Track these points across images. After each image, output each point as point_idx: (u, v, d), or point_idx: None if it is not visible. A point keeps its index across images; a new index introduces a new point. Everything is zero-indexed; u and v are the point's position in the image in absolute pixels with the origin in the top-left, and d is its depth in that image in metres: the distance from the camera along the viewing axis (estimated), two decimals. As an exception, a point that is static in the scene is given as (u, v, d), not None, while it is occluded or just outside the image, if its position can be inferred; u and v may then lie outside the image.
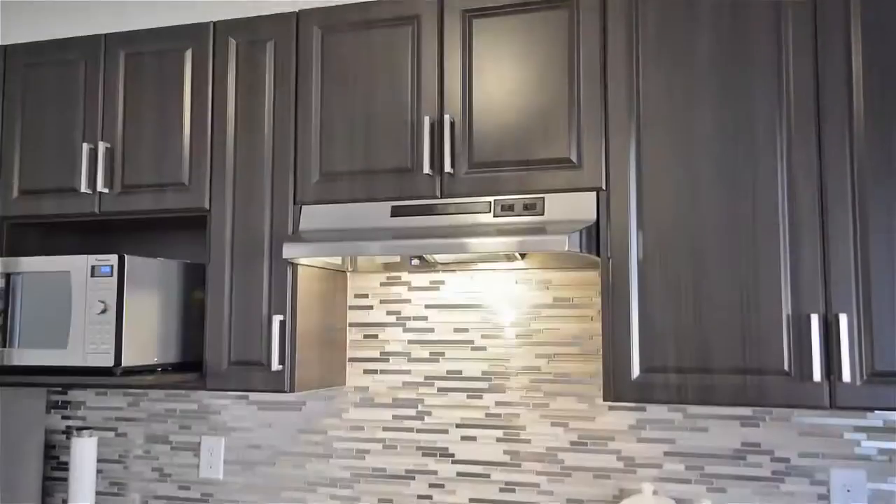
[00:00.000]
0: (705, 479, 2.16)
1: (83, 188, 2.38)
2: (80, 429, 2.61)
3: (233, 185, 2.29)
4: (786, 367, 1.81)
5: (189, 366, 2.37)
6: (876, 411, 2.04)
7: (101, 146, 2.38)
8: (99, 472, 2.69)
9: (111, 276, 2.15)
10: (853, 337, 1.77)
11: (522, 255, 2.31)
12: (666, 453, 2.20)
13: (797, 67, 1.86)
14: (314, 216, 2.21)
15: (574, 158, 2.01)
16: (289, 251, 2.10)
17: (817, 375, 1.77)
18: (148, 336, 2.24)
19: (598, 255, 1.99)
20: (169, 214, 2.35)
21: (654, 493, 2.18)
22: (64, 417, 2.77)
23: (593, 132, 2.00)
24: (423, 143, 2.11)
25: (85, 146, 2.39)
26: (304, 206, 2.23)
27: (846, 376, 1.75)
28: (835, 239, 1.81)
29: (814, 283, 1.81)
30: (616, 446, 2.25)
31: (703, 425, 2.18)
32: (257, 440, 2.57)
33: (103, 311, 2.14)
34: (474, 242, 1.96)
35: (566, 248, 1.85)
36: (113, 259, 2.16)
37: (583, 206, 2.00)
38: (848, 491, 2.05)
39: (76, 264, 2.19)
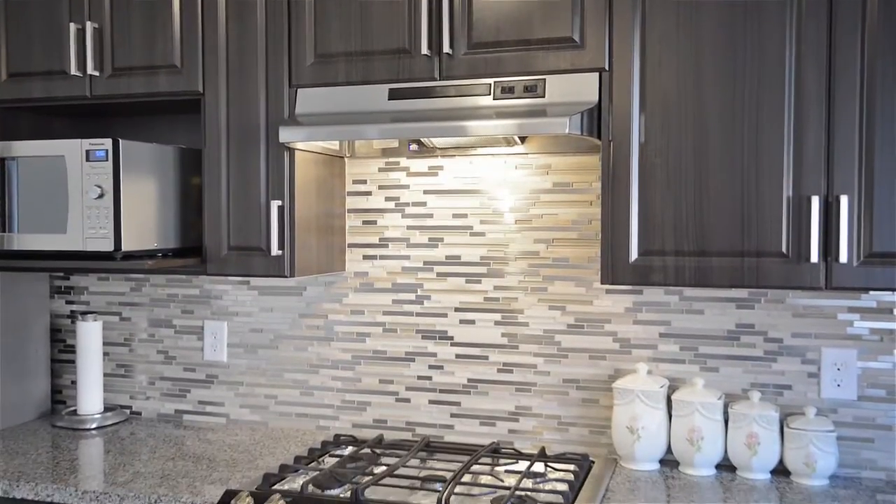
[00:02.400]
0: (699, 360, 2.21)
1: (73, 70, 2.32)
2: (84, 313, 2.65)
3: (226, 67, 2.23)
4: (784, 249, 1.82)
5: (189, 251, 2.38)
6: (870, 292, 2.06)
7: (89, 26, 2.30)
8: (105, 354, 2.75)
9: (106, 160, 2.13)
10: (853, 218, 1.78)
11: (522, 140, 2.28)
12: (661, 335, 2.24)
13: (812, -61, 1.78)
14: (310, 99, 2.17)
15: (576, 38, 1.95)
16: (285, 135, 2.07)
17: (815, 257, 1.78)
18: (146, 221, 2.24)
19: (598, 138, 1.97)
20: (162, 98, 2.30)
21: (649, 372, 2.23)
22: (68, 302, 2.81)
23: (597, 11, 1.94)
24: (420, 22, 2.05)
25: (72, 26, 2.32)
26: (299, 90, 2.18)
27: (843, 257, 1.76)
28: (840, 120, 1.78)
29: (816, 165, 1.80)
30: (612, 328, 2.29)
31: (698, 308, 2.21)
32: (259, 324, 2.61)
33: (100, 196, 2.13)
34: (473, 125, 1.92)
35: (567, 131, 1.82)
36: (107, 143, 2.13)
37: (584, 88, 1.96)
38: (838, 369, 2.10)
39: (70, 148, 2.16)
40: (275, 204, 2.17)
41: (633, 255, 1.93)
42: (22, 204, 2.22)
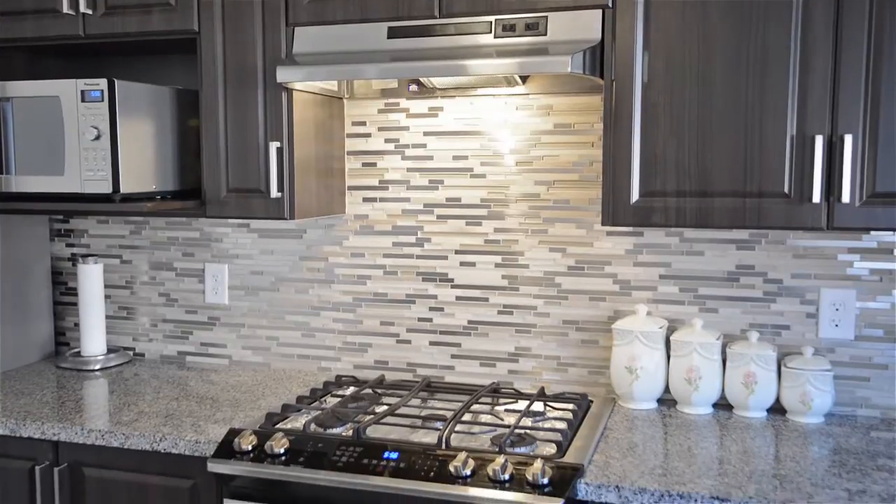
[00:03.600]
0: (698, 300, 2.22)
1: (65, 9, 2.27)
2: (84, 256, 2.65)
3: (221, 5, 2.18)
4: (786, 189, 1.81)
5: (188, 193, 2.37)
6: (871, 232, 2.06)
7: (80, -37, 2.25)
8: (107, 297, 2.77)
9: (102, 101, 2.10)
10: (856, 158, 1.76)
11: (523, 80, 2.25)
12: (661, 276, 2.25)
13: None
14: (308, 39, 2.13)
15: (579, -27, 1.91)
16: (282, 75, 2.04)
17: (817, 197, 1.78)
18: (144, 163, 2.22)
19: (601, 77, 1.94)
20: (157, 38, 2.26)
21: (648, 313, 2.25)
22: (68, 245, 2.80)
23: (601, -56, 1.89)
24: (420, -43, 2.00)
25: (63, -37, 2.26)
26: (296, 28, 2.14)
27: (846, 197, 1.75)
28: (847, 58, 1.76)
29: (821, 104, 1.78)
30: (612, 270, 2.29)
31: (698, 249, 2.21)
32: (259, 267, 2.61)
33: (97, 138, 2.11)
34: (474, 65, 1.89)
35: (569, 70, 1.79)
36: (102, 83, 2.11)
37: (587, 26, 1.92)
38: (836, 310, 2.11)
39: (65, 89, 2.13)
40: (273, 145, 2.15)
41: (634, 196, 1.92)
42: (18, 145, 2.20)
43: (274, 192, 2.16)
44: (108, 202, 2.15)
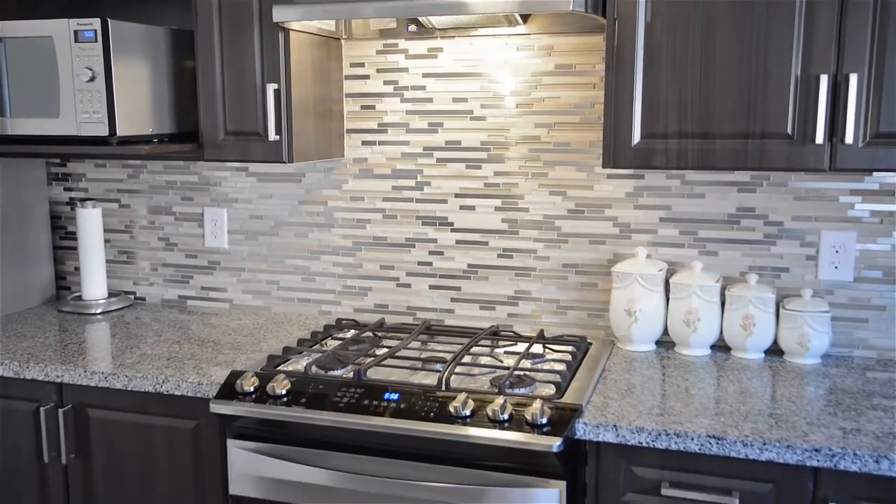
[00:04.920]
0: (698, 243, 2.22)
1: (55, -54, 2.22)
2: (83, 200, 2.64)
3: (215, -58, 2.13)
4: (789, 129, 1.79)
5: (185, 136, 2.35)
6: (874, 174, 2.05)
7: None
8: (106, 241, 2.76)
9: (95, 41, 2.07)
10: (861, 97, 1.74)
11: (524, 19, 2.21)
12: (661, 219, 2.24)
13: None
14: (304, -24, 2.08)
15: None
16: (279, 14, 2.00)
17: (820, 138, 1.76)
18: (141, 105, 2.20)
19: (603, 16, 1.90)
20: (150, -24, 2.22)
21: (648, 256, 2.25)
22: (66, 189, 2.79)
23: None
24: None
25: None
26: (292, -35, 2.09)
27: (849, 138, 1.74)
28: (854, -5, 1.72)
29: (827, 43, 1.75)
30: (612, 213, 2.28)
31: (699, 192, 2.20)
32: (259, 211, 2.61)
33: (91, 79, 2.08)
34: (474, 2, 1.85)
35: (571, 8, 1.76)
36: (96, 23, 2.07)
37: (590, -38, 1.88)
38: (836, 252, 2.11)
39: (58, 28, 2.10)
40: (270, 87, 2.12)
41: (636, 137, 1.91)
42: (13, 87, 2.17)
43: (272, 135, 2.14)
44: (105, 145, 2.13)
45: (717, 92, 1.83)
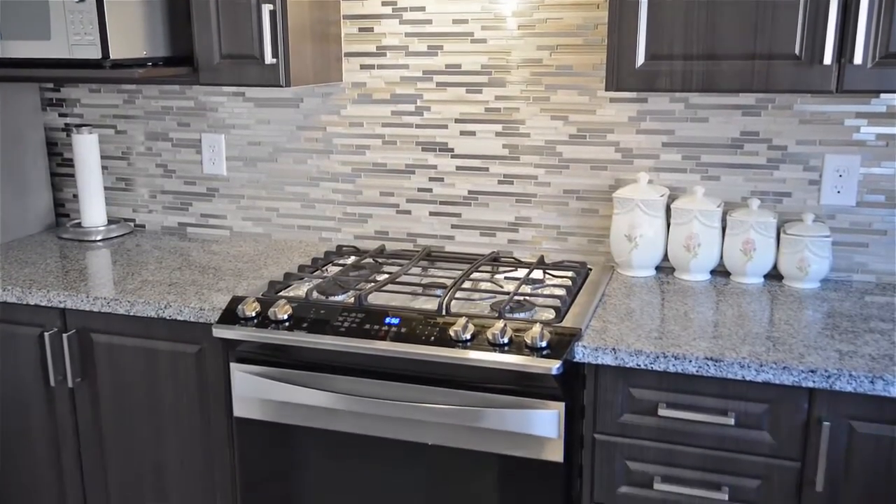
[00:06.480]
0: (700, 168, 2.20)
1: None
2: (78, 126, 2.61)
3: None
4: (796, 50, 1.75)
5: (180, 60, 2.31)
6: (881, 96, 2.01)
7: None
8: (104, 168, 2.74)
9: (85, -41, 2.01)
10: (872, 16, 1.69)
11: (526, -64, 2.14)
12: (664, 144, 2.22)
13: None
14: None
15: None
16: (273, -70, 1.94)
17: (828, 58, 1.72)
18: (134, 27, 2.14)
19: (608, -69, 1.84)
20: None
21: (650, 182, 2.23)
22: (61, 115, 2.75)
23: None
24: None
25: None
26: None
27: (858, 58, 1.70)
28: None
29: (839, -42, 1.70)
30: (615, 138, 2.26)
31: (703, 115, 2.17)
32: (257, 137, 2.58)
33: (81, 0, 2.03)
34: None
35: (575, -78, 1.70)
36: (84, -59, 2.00)
37: None
38: (840, 176, 2.09)
39: (45, -53, 2.03)
40: (266, 8, 2.07)
41: (640, 59, 1.87)
42: (4, 7, 2.11)
43: (268, 58, 2.10)
44: (99, 69, 2.09)
45: (724, 11, 1.78)
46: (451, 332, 1.76)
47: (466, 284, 2.10)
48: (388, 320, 1.84)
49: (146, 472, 2.14)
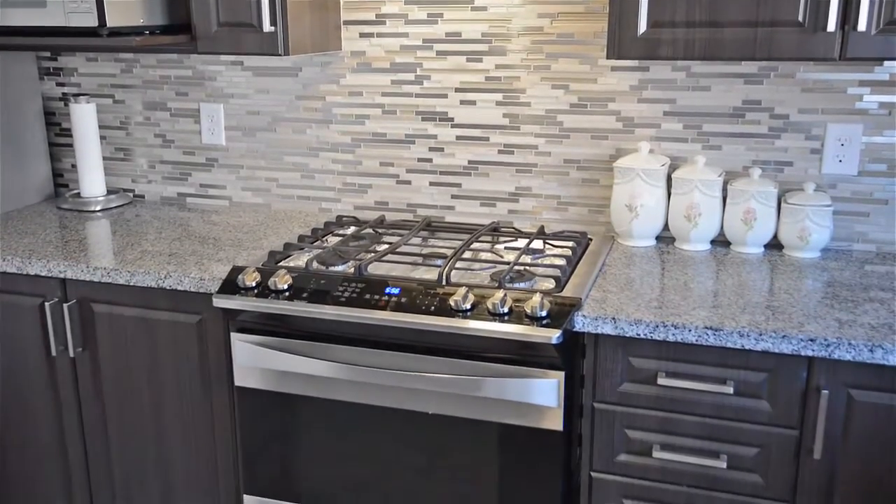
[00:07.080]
0: (702, 138, 2.19)
1: None
2: (76, 95, 2.59)
3: None
4: (800, 17, 1.73)
5: (178, 29, 2.28)
6: (885, 63, 2.00)
7: None
8: (102, 138, 2.73)
9: (79, -75, 1.98)
10: (877, -18, 1.68)
11: None
12: (665, 113, 2.20)
13: None
14: None
15: None
16: None
17: (832, 25, 1.70)
18: (129, -5, 2.12)
19: None
20: None
21: (651, 151, 2.22)
22: (58, 84, 2.73)
23: None
24: None
25: None
26: None
27: (862, 25, 1.68)
28: None
29: (844, -77, 1.67)
30: (616, 107, 2.24)
31: (705, 84, 2.15)
32: (256, 107, 2.56)
33: (77, -33, 2.00)
34: None
35: None
36: None
37: None
38: (842, 145, 2.08)
39: (39, -88, 2.01)
40: (264, -25, 2.05)
41: (642, 27, 1.85)
42: (-5, -24, 2.10)
43: (266, 26, 2.08)
44: (95, 37, 2.07)
45: (728, -23, 1.76)
46: (452, 302, 1.76)
47: (466, 254, 2.10)
48: (388, 290, 1.84)
49: (147, 441, 2.16)
